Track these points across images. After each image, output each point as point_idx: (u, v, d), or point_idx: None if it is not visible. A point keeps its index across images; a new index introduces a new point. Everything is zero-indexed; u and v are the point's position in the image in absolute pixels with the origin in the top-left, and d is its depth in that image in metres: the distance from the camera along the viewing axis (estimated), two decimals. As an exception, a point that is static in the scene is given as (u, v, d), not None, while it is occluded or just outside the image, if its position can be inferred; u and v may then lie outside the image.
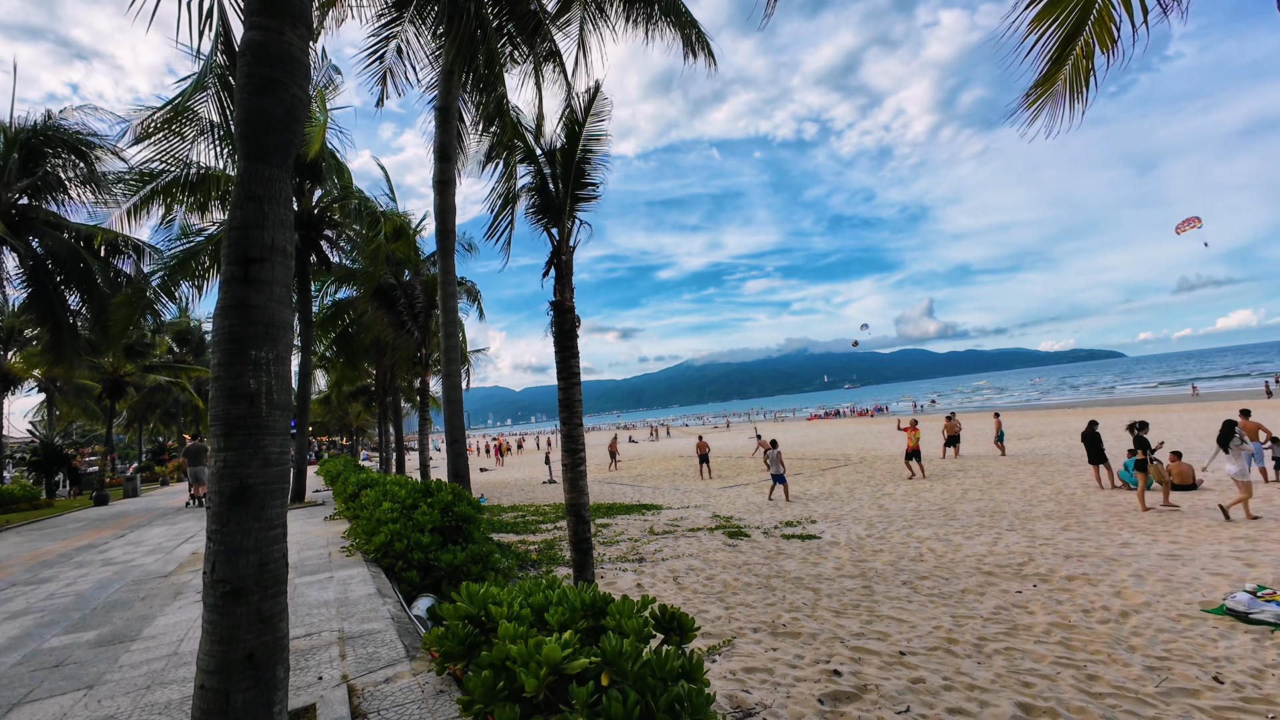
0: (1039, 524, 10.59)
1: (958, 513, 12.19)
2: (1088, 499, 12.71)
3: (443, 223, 8.99)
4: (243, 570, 2.32)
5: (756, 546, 9.89)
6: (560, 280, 6.22)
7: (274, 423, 2.47)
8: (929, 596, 6.83)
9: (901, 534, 10.45)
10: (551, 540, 10.34)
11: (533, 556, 8.42)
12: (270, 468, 2.43)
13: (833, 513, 13.27)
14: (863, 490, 16.65)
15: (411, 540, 6.48)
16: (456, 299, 9.30)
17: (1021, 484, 15.32)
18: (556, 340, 6.19)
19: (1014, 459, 20.85)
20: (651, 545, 10.15)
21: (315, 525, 10.02)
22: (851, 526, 11.43)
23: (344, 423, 45.37)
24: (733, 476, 23.50)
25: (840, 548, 9.63)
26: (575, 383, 6.18)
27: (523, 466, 39.64)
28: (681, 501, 16.96)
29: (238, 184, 2.61)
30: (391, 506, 7.20)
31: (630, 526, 12.23)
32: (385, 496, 8.03)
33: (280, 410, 2.52)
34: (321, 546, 7.91)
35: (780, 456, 15.71)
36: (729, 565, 8.64)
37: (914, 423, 19.34)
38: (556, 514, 14.14)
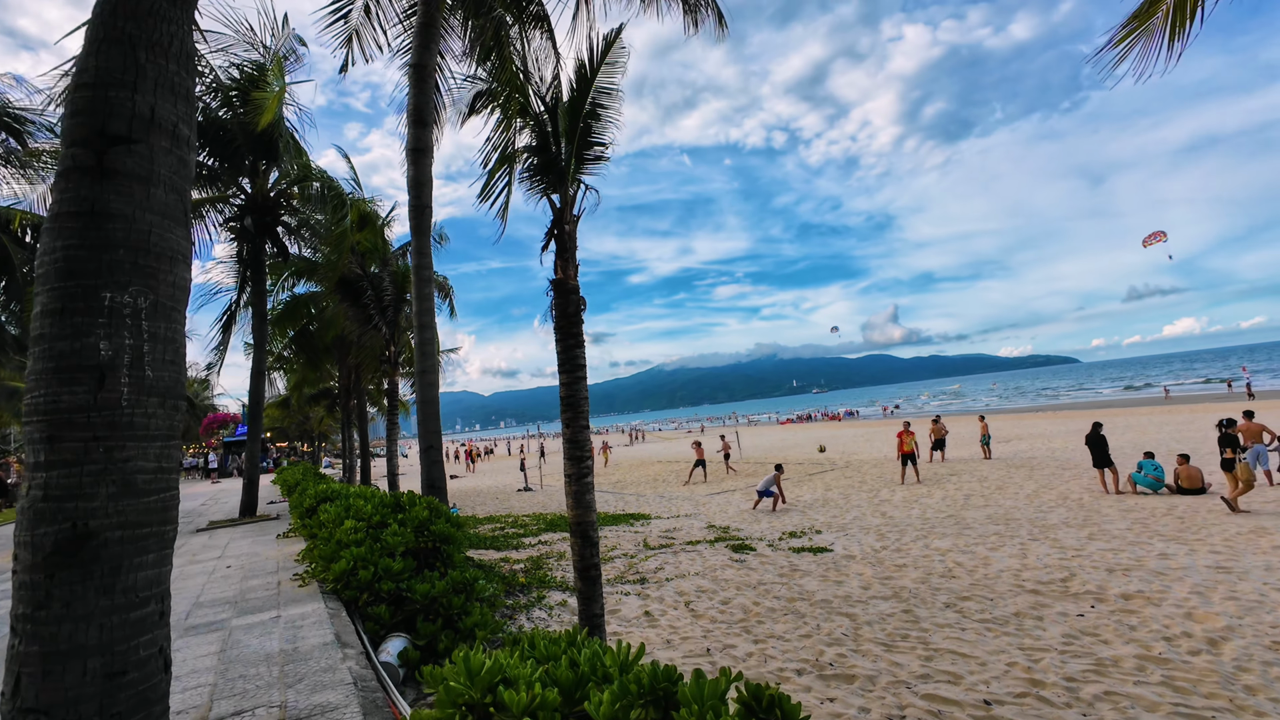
0: (1060, 532, 9.91)
1: (968, 520, 11.49)
2: (1099, 504, 12.14)
3: (417, 196, 7.86)
4: (77, 691, 1.25)
5: (766, 562, 8.97)
6: (562, 254, 5.20)
7: (144, 419, 1.41)
8: (981, 622, 5.98)
9: (919, 545, 9.66)
10: (538, 558, 9.25)
11: (520, 579, 7.35)
12: (135, 498, 1.38)
13: (835, 521, 12.46)
14: (858, 496, 15.93)
15: (380, 567, 5.35)
16: (432, 285, 8.17)
17: (1021, 488, 14.76)
18: (558, 325, 5.17)
19: (1001, 462, 20.43)
20: (651, 562, 9.14)
21: (266, 545, 8.75)
22: (861, 537, 10.61)
23: (305, 428, 43.19)
24: (717, 482, 22.66)
25: (858, 562, 8.76)
26: (580, 376, 5.16)
27: (495, 473, 38.20)
28: (670, 510, 15.99)
29: (94, 16, 1.54)
30: (355, 525, 6.06)
31: (622, 539, 11.20)
32: (348, 513, 6.87)
33: (159, 398, 1.46)
34: (270, 573, 6.71)
35: (778, 480, 14.73)
36: (743, 586, 7.68)
37: (907, 425, 18.72)
38: (539, 526, 13.02)
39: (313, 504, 8.81)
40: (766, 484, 14.78)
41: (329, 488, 9.79)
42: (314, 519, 7.81)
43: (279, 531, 10.23)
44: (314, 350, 18.08)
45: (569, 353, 5.13)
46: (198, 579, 6.63)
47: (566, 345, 5.14)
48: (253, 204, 12.74)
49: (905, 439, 17.95)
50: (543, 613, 6.49)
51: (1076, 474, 16.38)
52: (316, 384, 22.43)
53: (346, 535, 6.00)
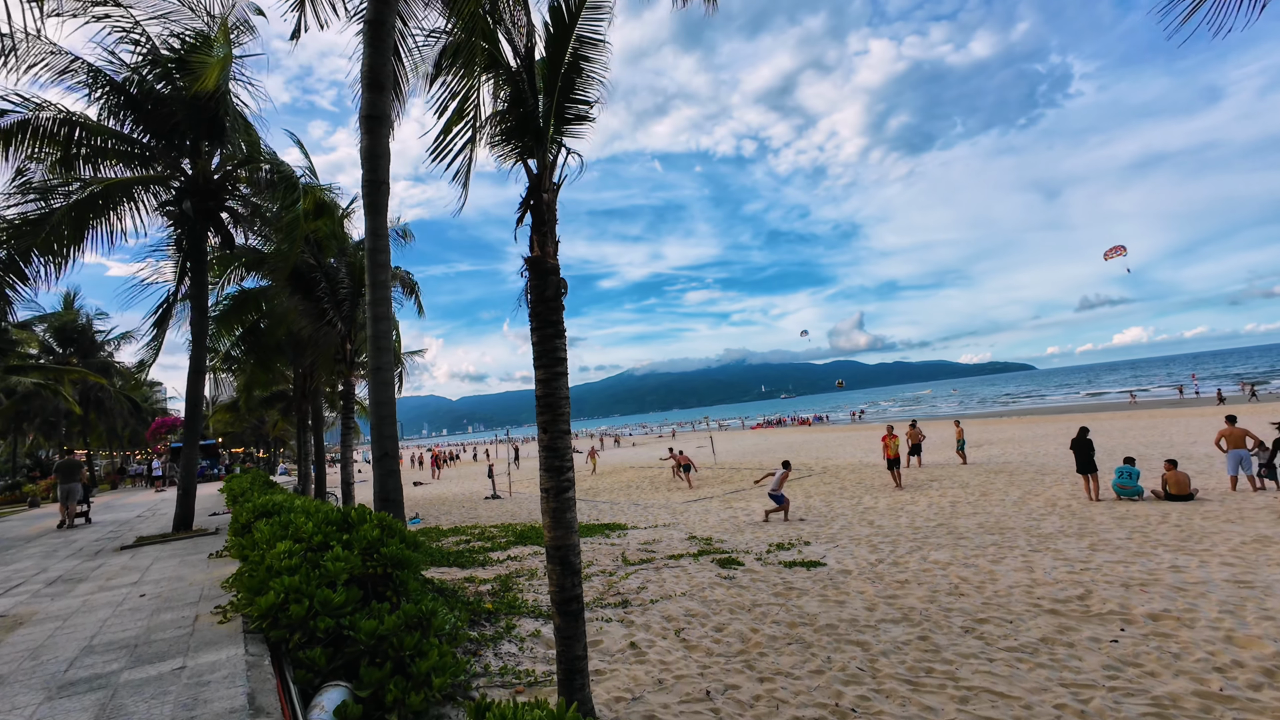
0: (1060, 542, 9.45)
1: (961, 530, 10.98)
2: (1090, 511, 11.78)
3: (372, 170, 6.94)
4: None
5: (757, 579, 8.25)
6: (539, 228, 4.40)
7: None
8: (1009, 651, 5.34)
9: (915, 558, 9.07)
10: (508, 577, 8.36)
11: (486, 605, 6.47)
12: None
13: (822, 532, 11.84)
14: (840, 503, 15.40)
15: (317, 600, 4.43)
16: (389, 272, 7.23)
17: (1006, 495, 14.39)
18: (534, 312, 4.35)
19: (978, 468, 20.22)
20: (632, 580, 8.34)
21: (194, 567, 7.68)
22: (853, 549, 9.99)
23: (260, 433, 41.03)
24: (694, 490, 21.97)
25: (856, 578, 8.11)
26: (560, 373, 4.36)
27: (462, 479, 36.89)
28: (647, 519, 15.20)
29: None
30: (290, 549, 5.13)
31: (598, 553, 10.36)
32: (286, 531, 5.92)
33: None
34: (190, 603, 5.71)
35: (784, 479, 13.95)
36: (736, 608, 6.93)
37: (890, 429, 18.31)
38: (508, 538, 12.10)
39: (249, 519, 7.78)
40: (776, 484, 13.81)
41: (271, 500, 8.73)
42: (248, 537, 6.80)
43: (214, 549, 9.12)
44: (264, 349, 16.77)
45: (547, 344, 4.32)
46: (101, 612, 5.59)
47: (544, 335, 4.33)
48: (193, 186, 11.56)
49: (889, 442, 17.54)
50: (513, 646, 5.64)
51: (1057, 479, 16.14)
52: (268, 386, 20.99)
53: (278, 560, 5.05)
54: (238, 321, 15.71)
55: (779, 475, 14.06)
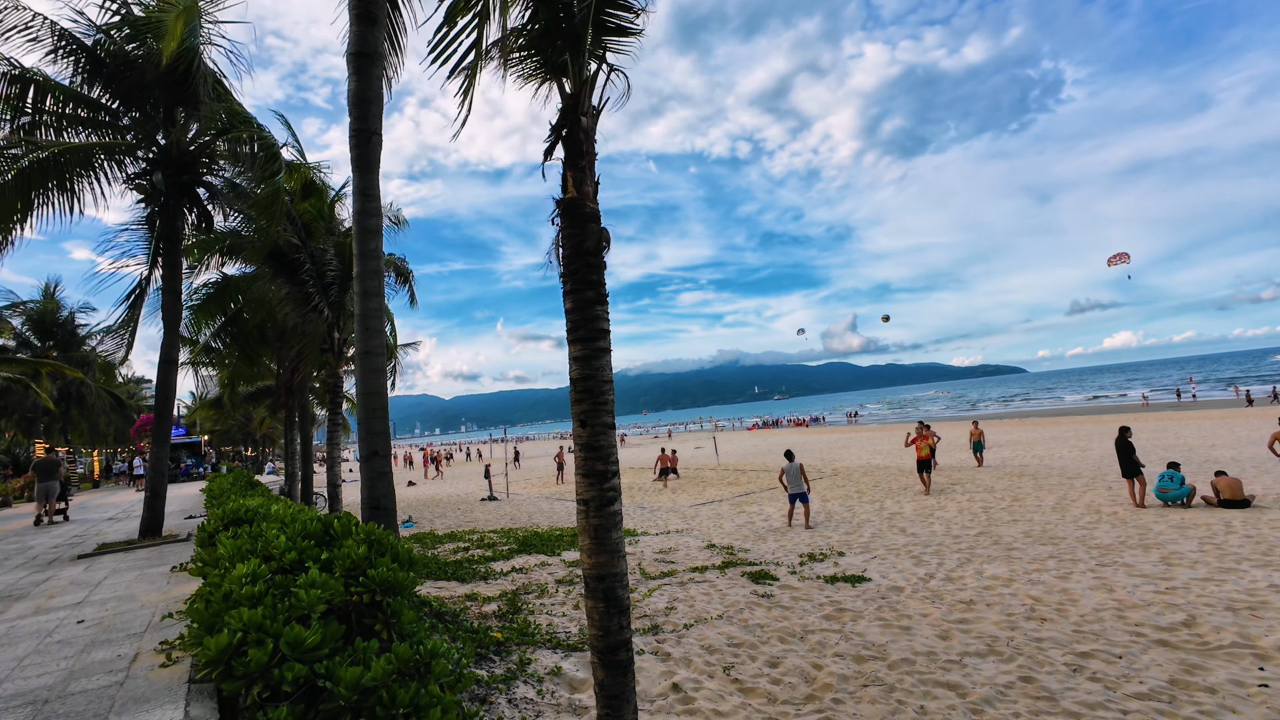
0: (1125, 555, 8.52)
1: (1006, 539, 10.04)
2: (1140, 519, 10.86)
3: (360, 118, 5.92)
4: None
5: (799, 597, 7.26)
6: (575, 161, 3.40)
7: None
8: (1142, 699, 4.37)
9: (969, 573, 8.11)
10: (515, 594, 7.34)
11: (495, 635, 5.44)
12: None
13: (853, 540, 10.87)
14: (862, 507, 14.44)
15: (284, 641, 3.39)
16: (381, 240, 6.19)
17: (1039, 500, 13.46)
18: (569, 270, 3.35)
19: (997, 470, 19.34)
20: (657, 598, 7.33)
21: (151, 583, 6.62)
22: (894, 561, 9.03)
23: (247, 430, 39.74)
24: (699, 491, 20.97)
25: (910, 597, 7.14)
26: (602, 349, 3.36)
27: (456, 479, 35.78)
28: (657, 524, 14.20)
29: None
30: (255, 570, 4.09)
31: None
32: (254, 546, 4.88)
33: None
34: (133, 635, 4.67)
35: (802, 470, 12.90)
36: (786, 635, 5.94)
37: (921, 429, 17.34)
38: (510, 546, 11.07)
39: (216, 527, 6.72)
40: (795, 483, 12.64)
41: (243, 505, 7.67)
42: (210, 551, 5.75)
43: (180, 560, 8.06)
44: (248, 340, 15.65)
45: (585, 311, 3.31)
46: (22, 646, 4.54)
47: (582, 300, 3.32)
48: (165, 158, 10.48)
49: (921, 444, 16.53)
50: (529, 688, 4.62)
51: (1088, 483, 15.24)
52: (253, 380, 19.84)
53: (239, 586, 4.01)
54: (219, 310, 14.59)
55: (795, 468, 12.91)
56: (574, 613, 6.64)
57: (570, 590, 7.60)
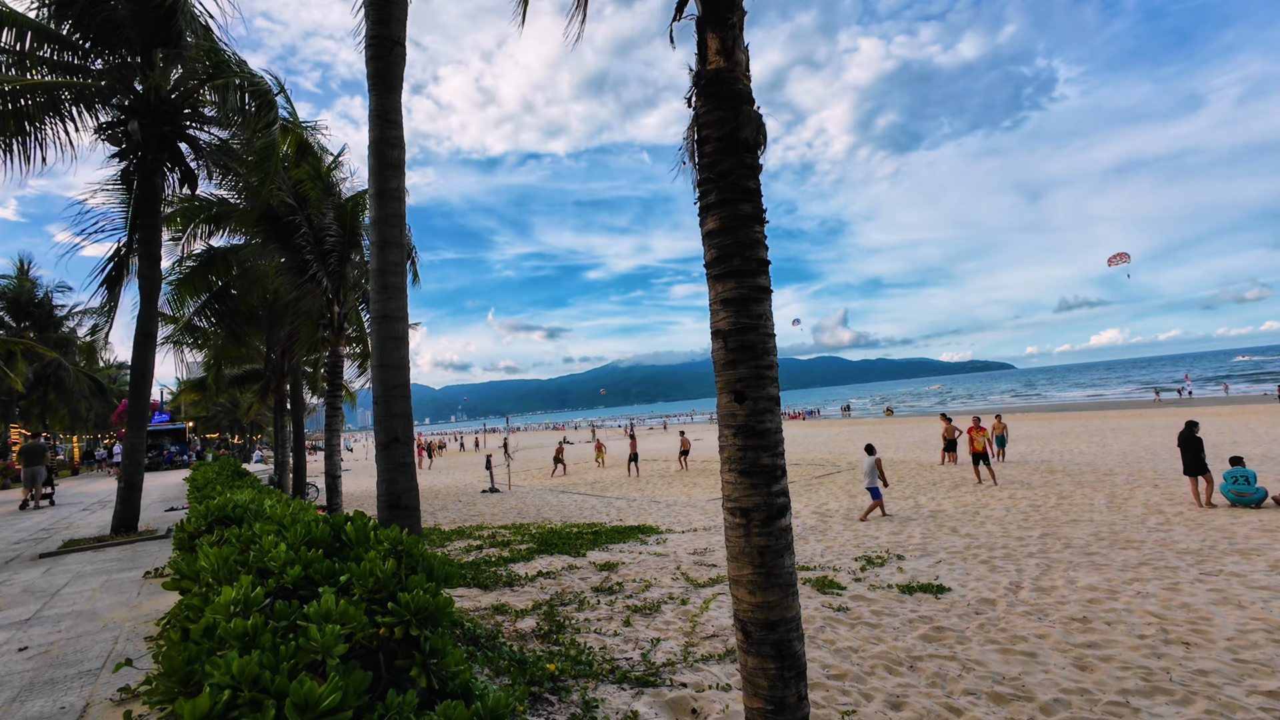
0: (1227, 562, 7.62)
1: (1076, 541, 9.13)
2: (1217, 520, 9.98)
3: (380, 21, 4.76)
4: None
5: (881, 612, 6.28)
6: (722, 18, 2.32)
7: None
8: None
9: (1059, 582, 7.17)
10: (548, 604, 6.30)
11: (548, 667, 4.38)
12: None
13: (904, 541, 9.91)
14: (897, 504, 13.49)
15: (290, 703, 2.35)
16: (402, 175, 5.05)
17: (1087, 498, 12.56)
18: (714, 172, 2.29)
19: (1021, 465, 18.51)
20: (715, 611, 6.32)
21: (119, 593, 5.52)
22: (965, 566, 8.08)
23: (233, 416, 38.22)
24: (712, 486, 19.98)
25: (1008, 612, 6.17)
26: (762, 287, 2.30)
27: (452, 470, 34.68)
28: (679, 520, 13.22)
29: None
30: (247, 596, 3.01)
31: (647, 567, 8.35)
32: (244, 557, 3.80)
33: None
34: (89, 670, 3.60)
35: (879, 465, 12.04)
36: (891, 664, 4.94)
37: (977, 421, 16.48)
38: (526, 544, 10.03)
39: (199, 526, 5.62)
40: (872, 477, 12.03)
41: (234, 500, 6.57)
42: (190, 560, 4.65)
43: (154, 564, 6.96)
44: (235, 318, 14.41)
45: (738, 232, 2.25)
46: (-62, 687, 3.45)
47: (734, 216, 2.26)
48: (142, 105, 9.26)
49: (976, 436, 15.67)
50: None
51: (1130, 480, 14.40)
52: (240, 362, 18.58)
53: (226, 617, 2.93)
54: (204, 285, 13.36)
55: (871, 464, 12.18)
56: (625, 630, 5.62)
57: (614, 601, 6.57)
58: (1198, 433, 11.58)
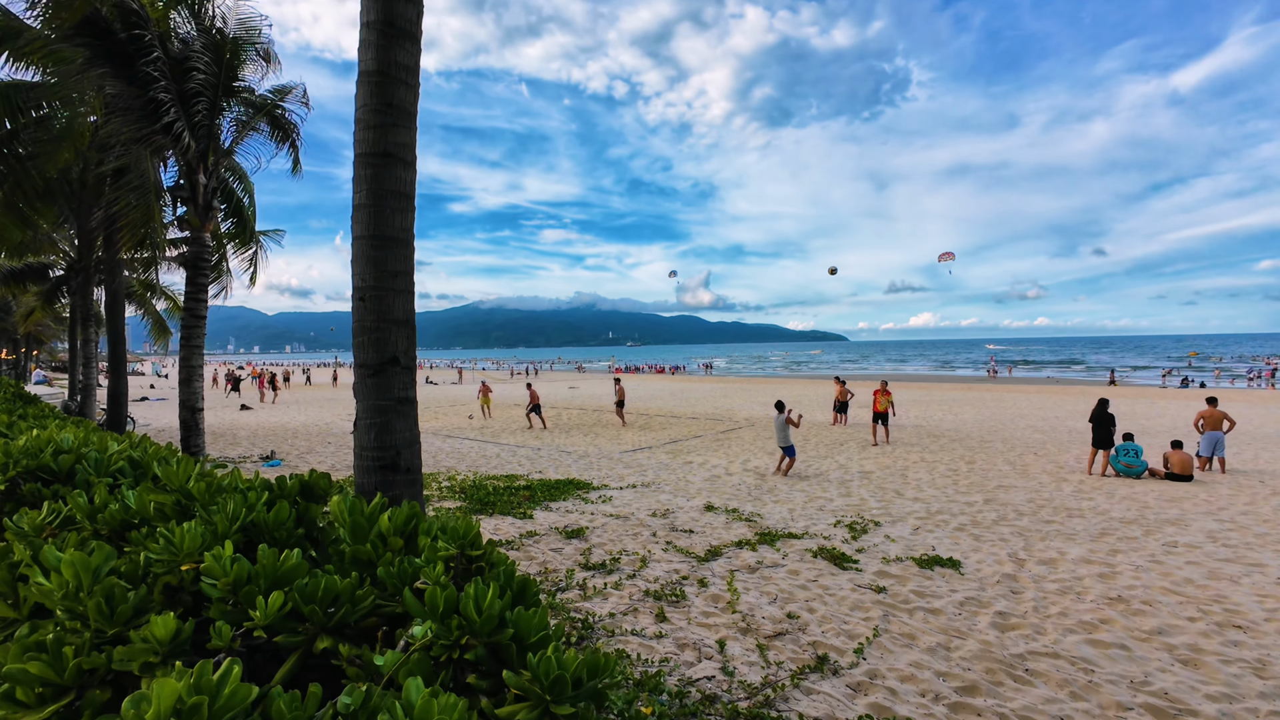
0: (1167, 531, 7.98)
1: (1021, 508, 9.27)
2: (1118, 490, 10.75)
3: None
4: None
5: (923, 593, 5.55)
6: None
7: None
8: None
9: (1053, 553, 7.00)
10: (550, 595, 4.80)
11: (644, 712, 2.92)
12: None
13: (863, 505, 9.52)
14: (819, 463, 13.33)
15: None
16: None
17: (987, 462, 13.28)
18: None
19: (898, 428, 19.42)
20: (757, 597, 5.20)
21: None
22: (946, 535, 7.74)
23: (2, 325, 30.01)
24: (614, 436, 18.91)
25: (1038, 590, 5.75)
26: None
27: (304, 404, 30.42)
28: (603, 474, 11.99)
29: None
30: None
31: (612, 534, 7.07)
32: (134, 576, 1.92)
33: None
34: None
35: (790, 421, 12.06)
36: (999, 667, 4.15)
37: (884, 384, 16.99)
38: (451, 499, 8.28)
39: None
40: (785, 435, 12.02)
41: (50, 439, 4.19)
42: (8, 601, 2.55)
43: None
44: (26, 187, 10.44)
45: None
46: None
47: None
48: None
49: (880, 398, 16.23)
50: None
51: (1010, 447, 15.55)
52: (23, 250, 13.98)
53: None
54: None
55: (782, 420, 12.16)
56: (663, 627, 4.34)
57: (619, 584, 5.23)
58: (1109, 409, 12.43)
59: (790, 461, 12.03)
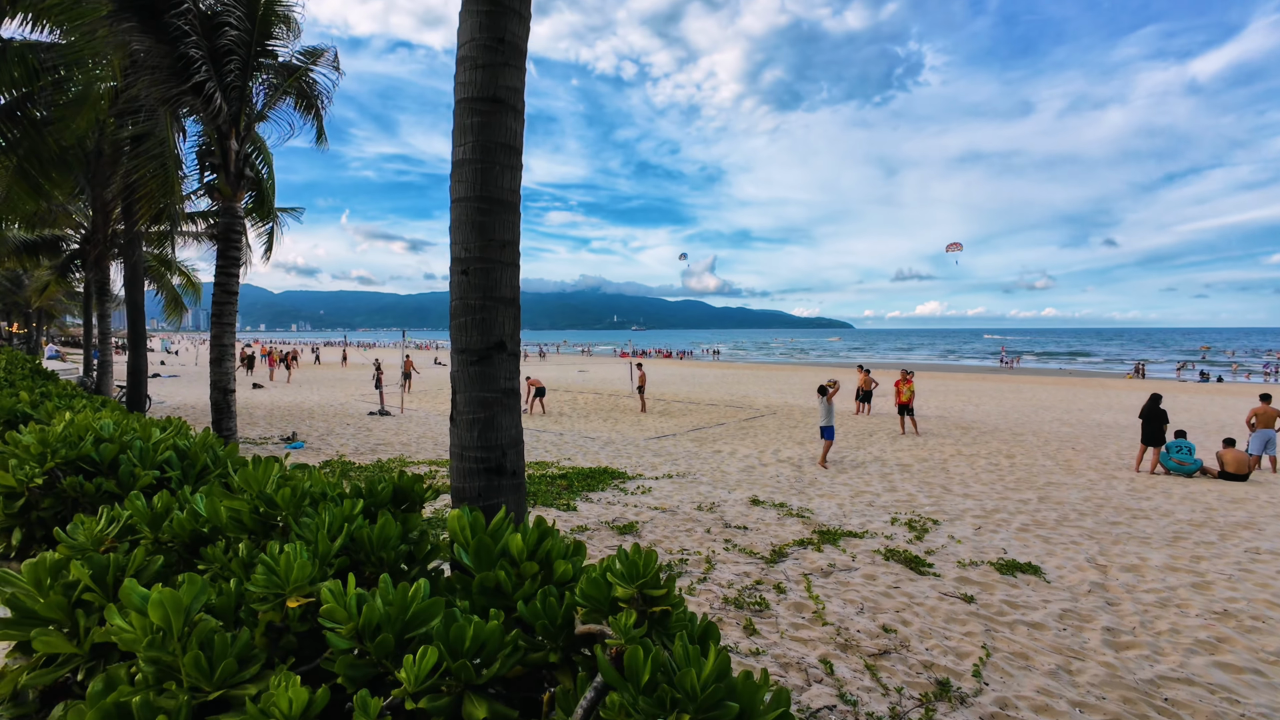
0: (1241, 535, 7.56)
1: (1080, 507, 8.86)
2: (1174, 489, 10.33)
3: None
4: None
5: (1017, 604, 5.15)
6: None
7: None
8: None
9: (1133, 558, 6.58)
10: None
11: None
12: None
13: (912, 501, 9.12)
14: (855, 454, 12.93)
15: None
16: None
17: (1026, 457, 12.83)
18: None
19: (935, 420, 19.08)
20: (841, 606, 4.81)
21: None
22: (1011, 535, 7.33)
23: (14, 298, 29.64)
24: (634, 422, 18.54)
25: (1134, 602, 5.35)
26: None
27: (315, 384, 30.13)
28: (634, 463, 11.60)
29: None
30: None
31: (664, 530, 6.70)
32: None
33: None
34: None
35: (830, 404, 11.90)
36: (1149, 697, 3.74)
37: (905, 374, 16.45)
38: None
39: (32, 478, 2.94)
40: (826, 416, 11.90)
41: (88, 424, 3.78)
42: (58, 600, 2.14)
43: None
44: (38, 155, 9.99)
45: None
46: None
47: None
48: None
49: (903, 388, 15.86)
50: None
51: (1040, 440, 15.12)
52: (37, 223, 13.55)
53: None
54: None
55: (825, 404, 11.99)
56: (755, 642, 3.93)
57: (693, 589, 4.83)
58: (1161, 405, 11.95)
59: (828, 444, 11.84)
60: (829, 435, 11.81)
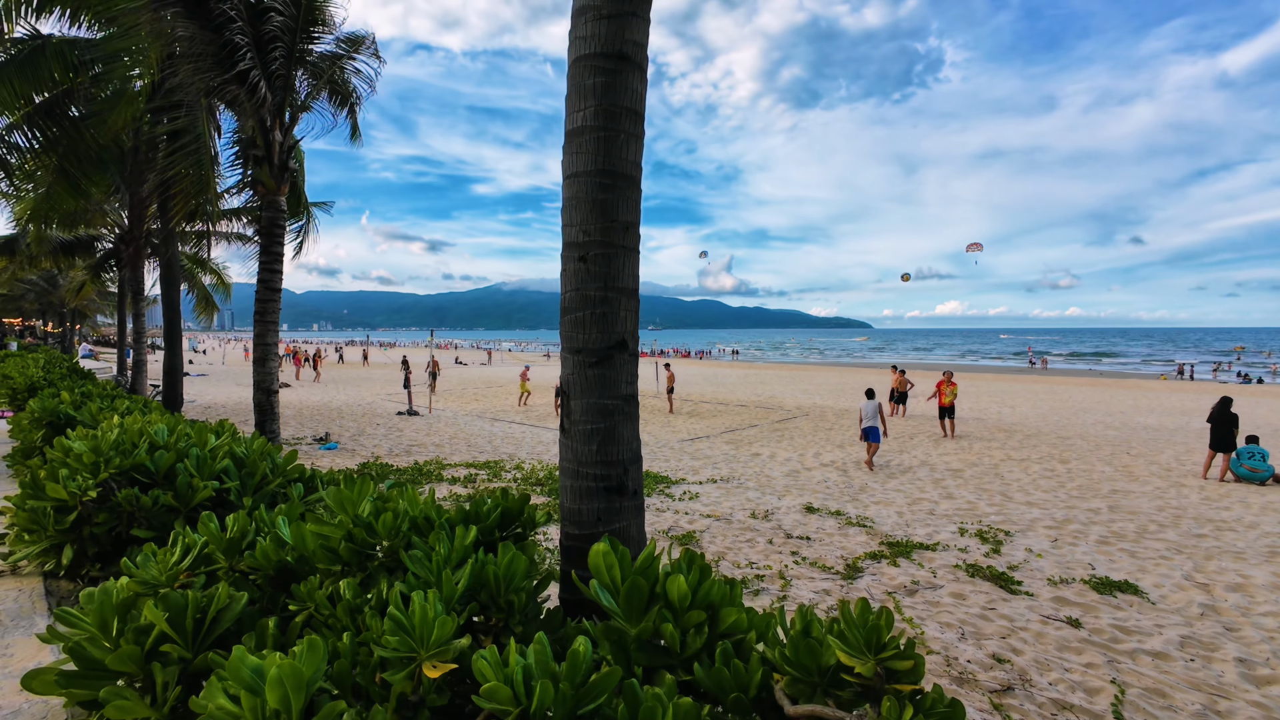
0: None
1: (1157, 517, 8.33)
2: (1251, 498, 9.72)
3: None
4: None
5: (1132, 631, 4.71)
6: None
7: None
8: None
9: (1234, 575, 6.08)
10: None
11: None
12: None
13: (973, 509, 8.64)
14: (900, 457, 12.44)
15: None
16: None
17: (1083, 463, 12.21)
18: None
19: (974, 423, 18.43)
20: (933, 632, 4.40)
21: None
22: (1094, 549, 6.84)
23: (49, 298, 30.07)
24: (664, 423, 18.18)
25: (1255, 629, 4.86)
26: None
27: (342, 384, 30.18)
28: (676, 467, 11.25)
29: None
30: None
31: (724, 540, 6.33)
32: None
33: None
34: None
35: (881, 409, 11.62)
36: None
37: (949, 375, 15.94)
38: (525, 487, 7.60)
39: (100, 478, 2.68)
40: (870, 418, 11.48)
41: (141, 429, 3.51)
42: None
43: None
44: (77, 153, 9.89)
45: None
46: None
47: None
48: None
49: (945, 390, 15.29)
50: None
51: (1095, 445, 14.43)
52: (75, 221, 13.55)
53: None
54: (28, 87, 8.79)
55: (873, 408, 11.55)
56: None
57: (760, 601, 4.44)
58: (1232, 408, 11.32)
59: (874, 447, 11.44)
60: (874, 438, 11.37)
